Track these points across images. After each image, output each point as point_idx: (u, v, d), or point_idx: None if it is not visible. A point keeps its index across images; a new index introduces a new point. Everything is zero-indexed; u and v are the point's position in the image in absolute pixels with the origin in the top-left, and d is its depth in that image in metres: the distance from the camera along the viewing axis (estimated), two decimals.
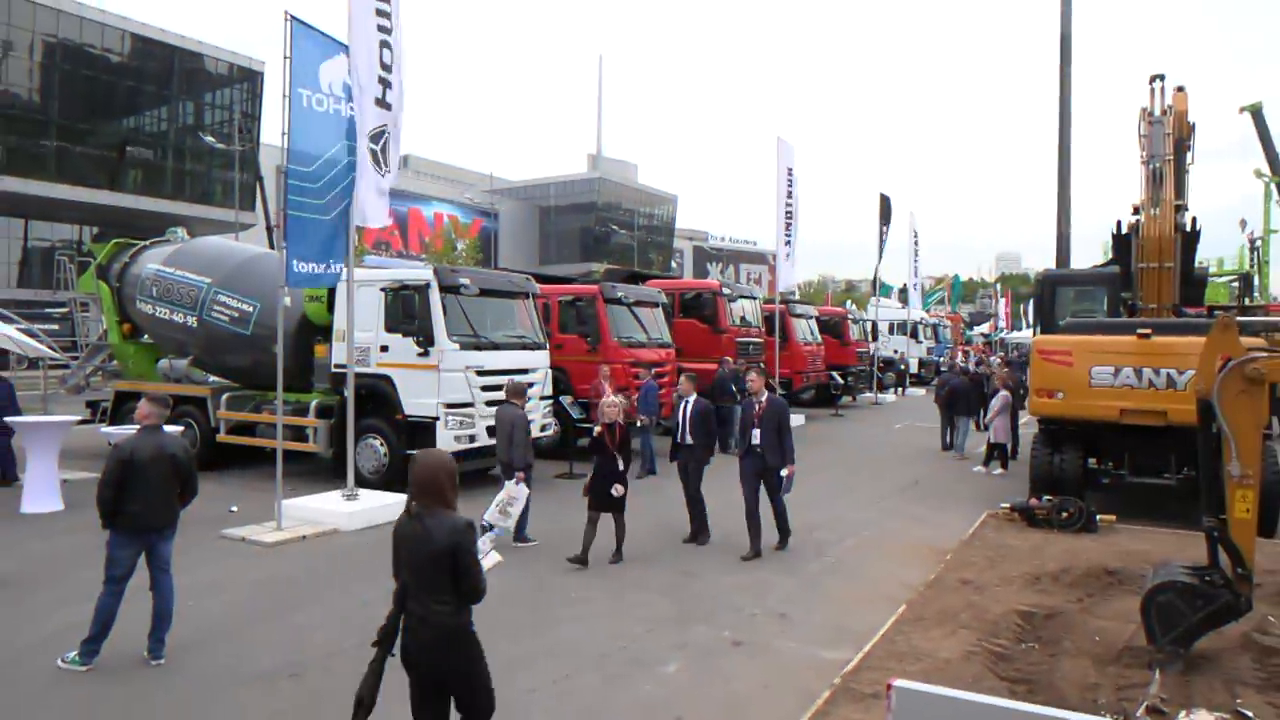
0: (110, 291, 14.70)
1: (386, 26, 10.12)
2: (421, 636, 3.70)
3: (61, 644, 5.99)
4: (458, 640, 3.77)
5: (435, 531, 3.70)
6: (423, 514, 3.76)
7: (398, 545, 3.86)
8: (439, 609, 3.70)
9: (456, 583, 3.71)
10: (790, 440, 8.85)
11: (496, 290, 12.71)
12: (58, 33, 43.02)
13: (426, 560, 3.71)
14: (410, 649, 3.72)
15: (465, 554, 3.71)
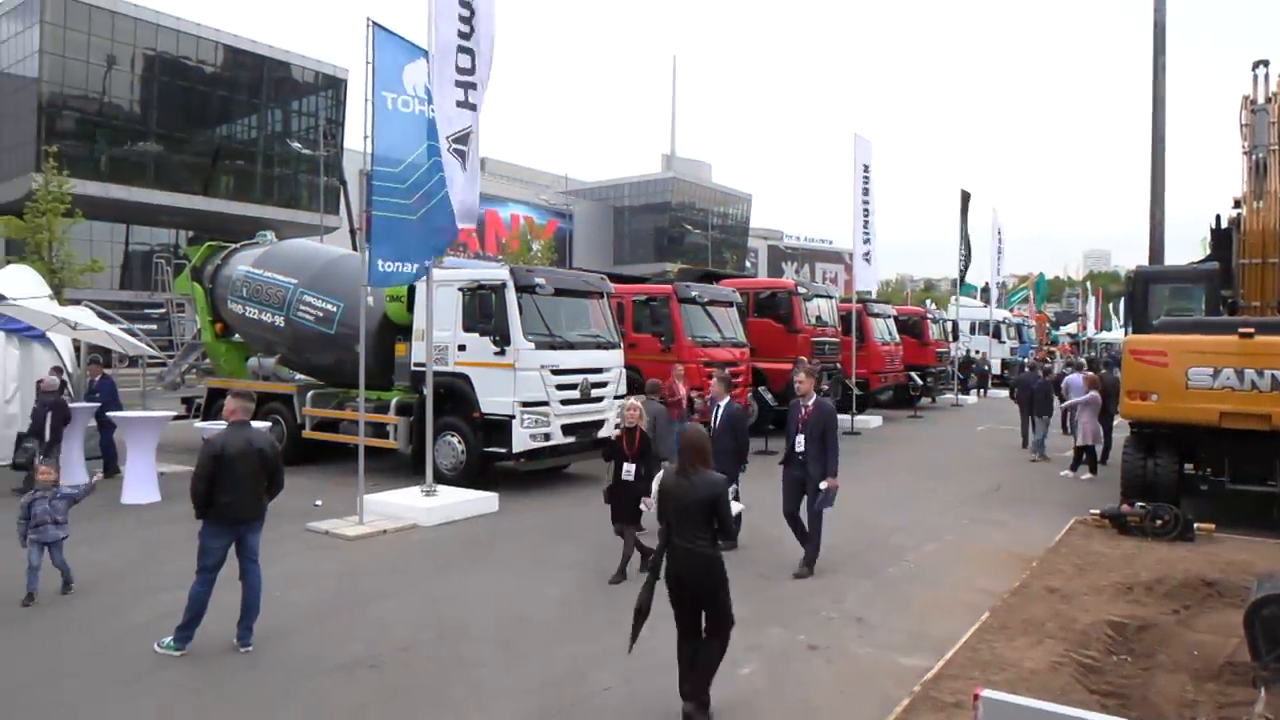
0: (204, 292, 15.31)
1: (466, 31, 10.29)
2: (686, 563, 4.90)
3: (158, 629, 6.25)
4: (713, 567, 4.95)
5: (699, 485, 4.95)
6: (689, 471, 5.00)
7: (666, 495, 5.12)
8: (700, 543, 4.89)
9: (713, 524, 4.92)
10: (835, 450, 8.03)
11: (571, 290, 12.81)
12: (156, 46, 45.11)
13: (692, 506, 4.92)
14: (675, 573, 4.94)
15: (722, 503, 4.95)
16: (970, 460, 16.14)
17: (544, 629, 6.67)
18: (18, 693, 5.41)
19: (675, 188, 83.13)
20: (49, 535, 7.01)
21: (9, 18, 43.54)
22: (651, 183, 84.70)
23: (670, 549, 4.97)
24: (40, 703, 5.29)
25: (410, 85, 10.22)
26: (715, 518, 4.92)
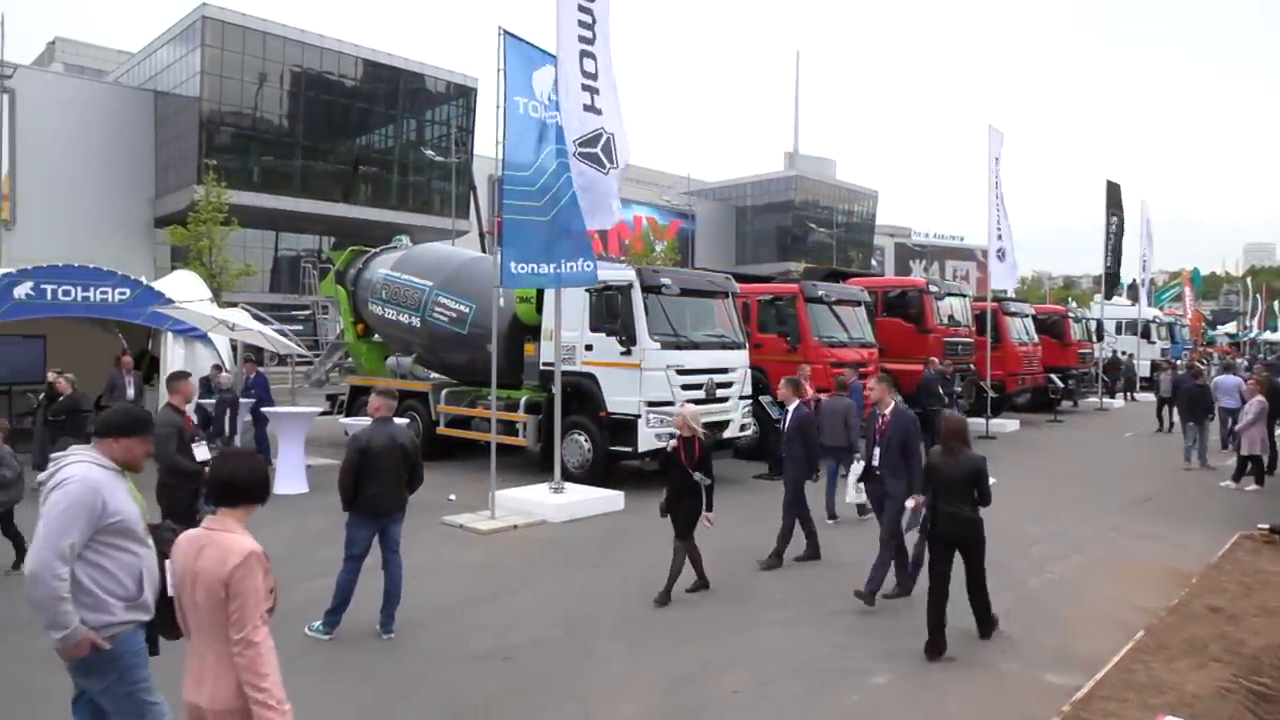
0: (346, 294, 16.12)
1: (588, 37, 10.44)
2: (953, 524, 6.10)
3: (307, 614, 6.60)
4: (975, 526, 6.15)
5: (963, 462, 6.10)
6: (954, 450, 6.15)
7: (934, 469, 6.21)
8: (964, 509, 6.09)
9: (974, 493, 6.09)
10: (919, 463, 7.14)
11: (697, 290, 12.81)
12: (303, 63, 47.83)
13: (956, 479, 6.08)
14: (943, 532, 6.13)
15: (983, 477, 6.11)
16: (1117, 468, 15.21)
17: (671, 628, 6.68)
18: None
19: (798, 186, 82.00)
20: None
21: (173, 44, 47.10)
22: (774, 181, 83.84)
23: (936, 514, 6.14)
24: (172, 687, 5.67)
25: (539, 91, 10.43)
26: (976, 488, 6.07)
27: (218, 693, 2.93)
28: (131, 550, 3.42)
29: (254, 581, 2.95)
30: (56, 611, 3.17)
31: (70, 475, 3.32)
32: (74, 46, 62.20)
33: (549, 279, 10.50)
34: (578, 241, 10.39)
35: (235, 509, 3.11)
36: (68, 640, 3.22)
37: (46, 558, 3.17)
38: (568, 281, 10.51)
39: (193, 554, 3.02)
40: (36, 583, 3.17)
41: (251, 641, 2.91)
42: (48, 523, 3.23)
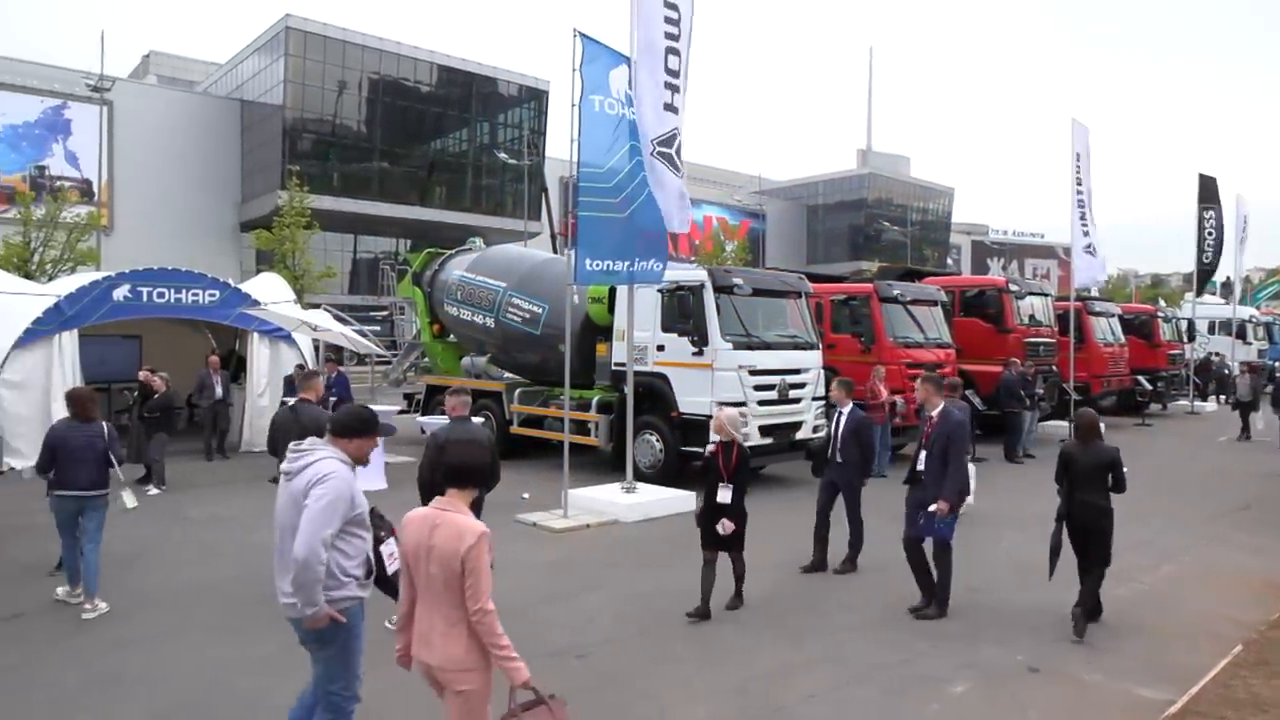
0: (423, 295, 16.47)
1: (674, 34, 10.39)
2: (1086, 512, 6.50)
3: (389, 607, 6.74)
4: (1107, 514, 6.52)
5: (1098, 453, 6.56)
6: (1089, 441, 6.63)
7: (1069, 459, 6.63)
8: (1098, 497, 6.48)
9: (1108, 481, 6.50)
10: (958, 470, 6.88)
11: (769, 290, 12.72)
12: (380, 70, 49.07)
13: (1091, 469, 6.49)
14: (1077, 518, 6.52)
15: (1118, 466, 6.51)
16: (1211, 474, 14.56)
17: (745, 629, 6.65)
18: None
19: (871, 184, 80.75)
20: None
21: (258, 54, 48.83)
22: (846, 179, 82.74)
23: (1072, 502, 6.54)
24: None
25: (615, 89, 10.48)
26: (1111, 477, 6.48)
27: (448, 652, 3.37)
28: (362, 536, 3.92)
29: (486, 559, 3.32)
30: (314, 592, 3.64)
31: (330, 471, 3.76)
32: (167, 59, 64.95)
33: (622, 276, 10.55)
34: (651, 240, 10.41)
35: (463, 491, 3.48)
36: (315, 615, 3.69)
37: (314, 545, 3.61)
38: (640, 279, 10.53)
39: (425, 531, 3.38)
40: (305, 569, 3.60)
41: (487, 610, 3.30)
42: (313, 515, 3.64)
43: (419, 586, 3.45)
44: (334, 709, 3.97)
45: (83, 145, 44.83)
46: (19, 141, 44.20)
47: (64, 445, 6.87)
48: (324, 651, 3.91)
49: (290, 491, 3.81)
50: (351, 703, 4.01)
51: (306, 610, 3.68)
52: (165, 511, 10.55)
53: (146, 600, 7.18)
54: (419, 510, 3.50)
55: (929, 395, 7.10)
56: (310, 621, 3.72)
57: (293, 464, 3.85)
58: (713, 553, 6.81)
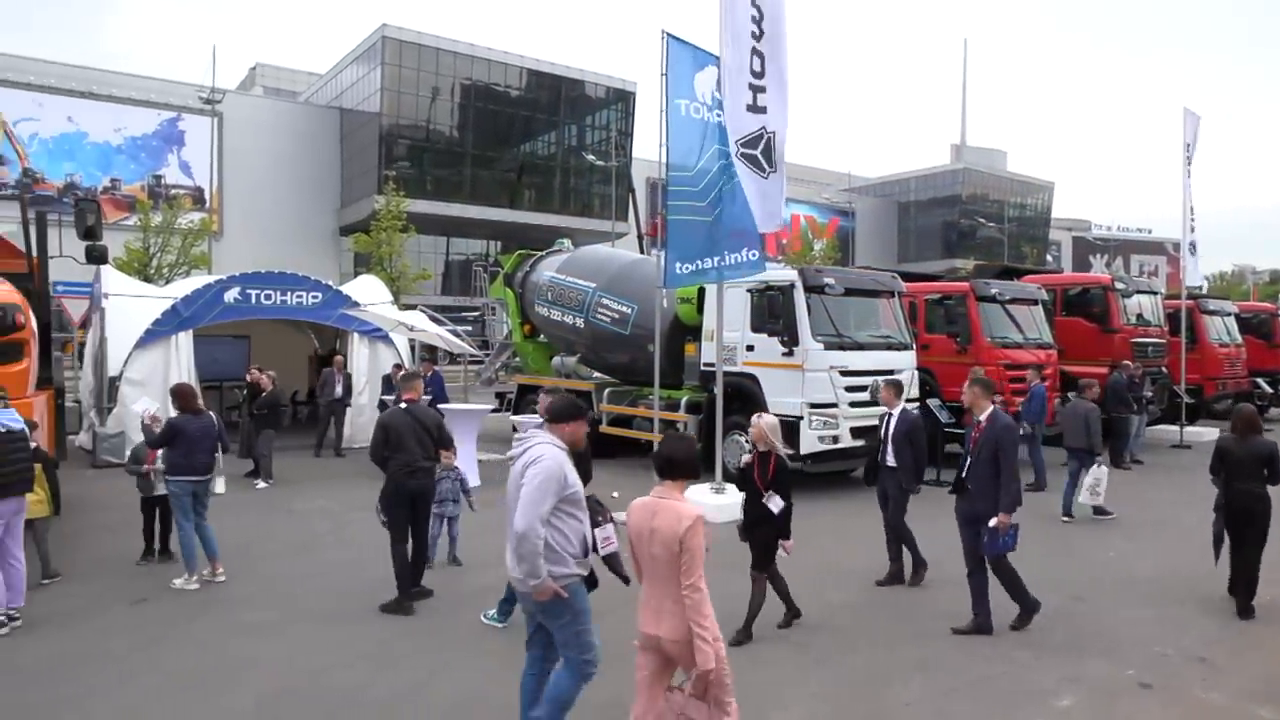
0: (514, 297, 16.76)
1: (757, 34, 10.35)
2: (1244, 498, 6.89)
3: (482, 601, 6.91)
4: (1266, 501, 6.92)
5: (1258, 445, 6.91)
6: (1246, 436, 6.98)
7: (1225, 452, 7.05)
8: (1255, 486, 6.88)
9: (1264, 472, 6.86)
10: (1010, 480, 6.36)
11: (861, 289, 12.50)
12: (472, 76, 50.18)
13: (1249, 460, 6.90)
14: (1235, 504, 6.95)
15: (1275, 459, 6.86)
16: None
17: (837, 634, 6.55)
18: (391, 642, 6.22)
19: (966, 179, 78.49)
20: (450, 510, 8.01)
21: (357, 64, 50.54)
22: (939, 175, 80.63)
23: (1230, 492, 6.95)
24: (396, 656, 6.05)
25: (702, 91, 10.47)
26: (1268, 469, 6.83)
27: (675, 625, 3.66)
28: (578, 516, 4.26)
29: (700, 540, 3.63)
30: (535, 564, 3.99)
31: (542, 454, 4.12)
32: (272, 71, 67.83)
33: (711, 276, 10.53)
34: (741, 238, 10.35)
35: (676, 481, 3.84)
36: (538, 586, 4.03)
37: (532, 521, 3.97)
38: (730, 275, 10.48)
39: (647, 516, 3.78)
40: (524, 540, 3.97)
41: (698, 587, 3.60)
42: (529, 492, 4.01)
43: (644, 567, 3.84)
44: (577, 671, 4.31)
45: (195, 155, 47.21)
46: (138, 153, 46.81)
47: (184, 433, 7.49)
48: (556, 623, 4.26)
49: (515, 472, 4.23)
50: (590, 667, 4.32)
51: (530, 582, 4.02)
52: (272, 504, 11.02)
53: (254, 590, 7.52)
54: (641, 499, 3.90)
55: (976, 399, 6.64)
56: (537, 593, 4.07)
57: (518, 448, 4.30)
58: (760, 572, 6.45)
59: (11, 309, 7.72)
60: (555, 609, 4.19)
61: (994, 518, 6.29)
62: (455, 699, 5.40)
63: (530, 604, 4.28)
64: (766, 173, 10.29)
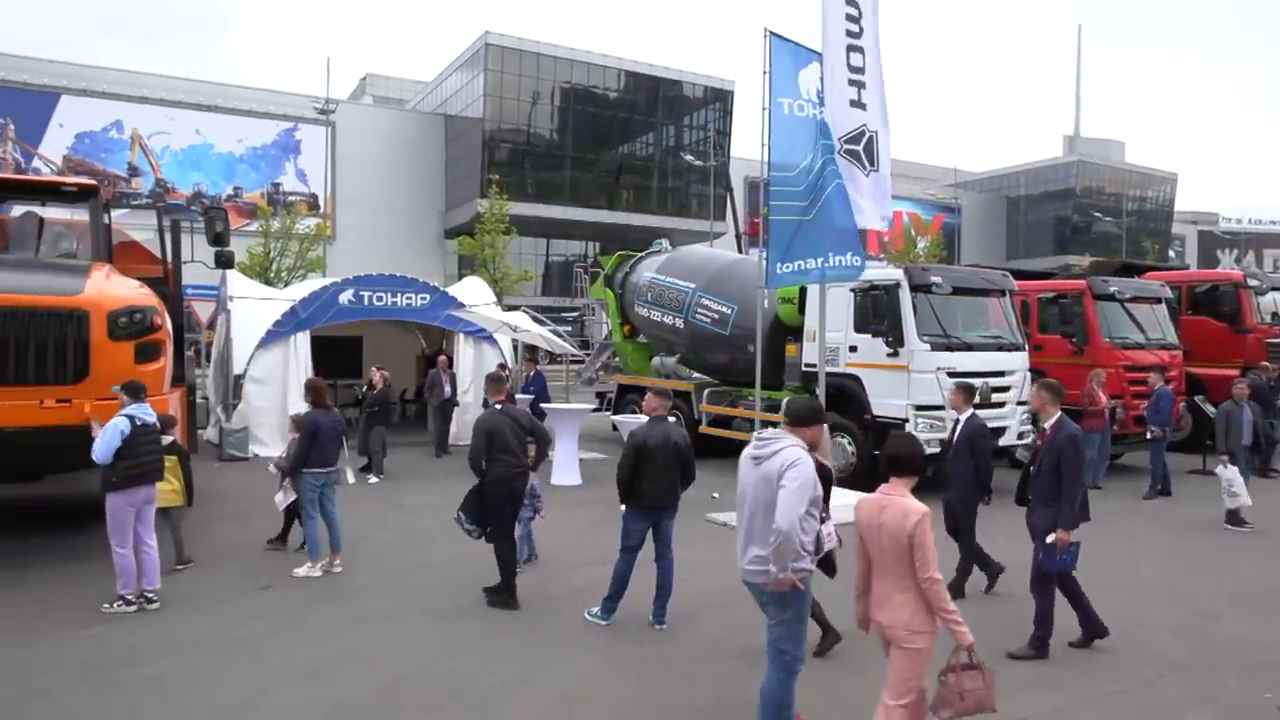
0: (614, 297, 16.92)
1: (855, 31, 10.20)
2: None
3: (587, 598, 7.01)
4: None
5: None
6: None
7: None
8: None
9: None
10: (1073, 494, 5.94)
11: (970, 288, 12.13)
12: (571, 80, 50.91)
13: None
14: None
15: None
16: None
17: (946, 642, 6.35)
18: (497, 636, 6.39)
19: (1080, 172, 75.10)
20: (523, 513, 8.15)
21: (460, 71, 51.95)
22: (1051, 168, 77.39)
23: None
24: (502, 649, 6.19)
25: (804, 89, 10.34)
26: None
27: (896, 614, 3.96)
28: (816, 516, 4.50)
29: (930, 534, 3.89)
30: (789, 559, 4.22)
31: (798, 458, 4.34)
32: (381, 80, 70.43)
33: (814, 276, 10.37)
34: (843, 238, 10.18)
35: (901, 478, 4.08)
36: (783, 579, 4.26)
37: (793, 520, 4.18)
38: (832, 277, 10.32)
39: (875, 511, 4.05)
40: (788, 538, 4.17)
41: (935, 579, 3.87)
42: (790, 493, 4.21)
43: (873, 559, 4.08)
44: (785, 668, 4.49)
45: (310, 163, 49.41)
46: (259, 162, 49.29)
47: (320, 429, 7.92)
48: (783, 615, 4.46)
49: (763, 473, 4.41)
50: (799, 664, 4.53)
51: (779, 574, 4.24)
52: (383, 499, 11.42)
53: (368, 582, 7.81)
54: (869, 495, 4.19)
55: (1044, 404, 6.22)
56: (777, 584, 4.28)
57: (762, 450, 4.49)
58: None
59: (150, 311, 8.21)
60: (786, 601, 4.41)
61: (1053, 533, 5.91)
62: (562, 692, 5.49)
63: (758, 593, 4.52)
64: (868, 170, 10.11)
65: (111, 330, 7.84)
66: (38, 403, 7.41)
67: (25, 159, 42.86)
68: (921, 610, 3.91)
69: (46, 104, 43.48)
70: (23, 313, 7.48)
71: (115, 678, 5.58)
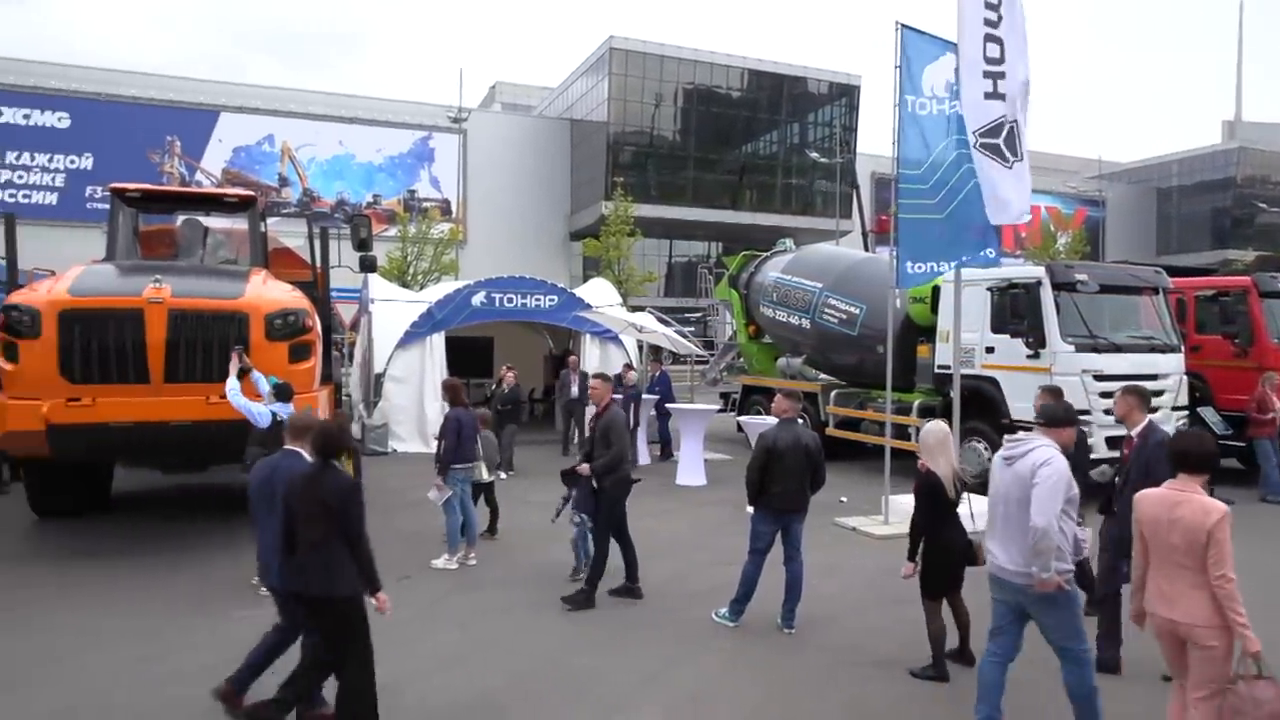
0: (739, 298, 16.85)
1: (993, 19, 9.81)
2: None
3: (713, 599, 7.00)
4: None
5: None
6: None
7: None
8: None
9: None
10: None
11: (1119, 286, 11.45)
12: (695, 80, 50.97)
13: None
14: None
15: None
16: None
17: None
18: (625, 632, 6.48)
19: (1243, 159, 69.53)
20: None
21: (586, 75, 52.81)
22: (1208, 156, 71.98)
23: None
24: (629, 645, 6.27)
25: (936, 82, 10.02)
26: None
27: (1193, 611, 3.91)
28: (1072, 516, 4.57)
29: (1228, 533, 3.86)
30: (1050, 558, 4.31)
31: (1051, 457, 4.45)
32: (510, 87, 72.41)
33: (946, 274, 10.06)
34: (979, 235, 9.80)
35: (1193, 475, 4.07)
36: (1047, 579, 4.33)
37: (1050, 518, 4.30)
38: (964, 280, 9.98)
39: (1166, 508, 4.04)
40: (1045, 535, 4.28)
41: (1230, 578, 3.83)
42: (1046, 491, 4.33)
43: (1156, 554, 4.07)
44: (1076, 661, 4.55)
45: (443, 170, 51.33)
46: (395, 170, 51.53)
47: (464, 426, 8.30)
48: (1054, 615, 4.52)
49: (1015, 473, 4.53)
50: (1089, 654, 4.61)
51: (1041, 574, 4.32)
52: (512, 495, 11.73)
53: (499, 574, 8.06)
54: (1153, 490, 4.17)
55: (1130, 410, 5.77)
56: (1041, 585, 4.35)
57: (1014, 450, 4.61)
58: (936, 600, 5.81)
59: (303, 313, 8.74)
60: (1053, 602, 4.44)
61: None
62: (689, 692, 5.51)
63: (1022, 595, 4.54)
64: (1010, 162, 9.69)
65: (268, 331, 8.39)
66: (204, 399, 7.99)
67: (189, 172, 46.27)
68: (1219, 607, 3.86)
69: (208, 121, 46.79)
70: (192, 315, 8.09)
71: None
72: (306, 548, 4.38)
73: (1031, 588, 4.41)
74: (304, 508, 4.39)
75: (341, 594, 4.43)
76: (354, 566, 4.42)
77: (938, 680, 5.67)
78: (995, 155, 9.65)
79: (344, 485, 4.47)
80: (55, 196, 43.21)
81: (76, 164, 43.53)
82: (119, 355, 7.89)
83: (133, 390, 7.94)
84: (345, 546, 4.39)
